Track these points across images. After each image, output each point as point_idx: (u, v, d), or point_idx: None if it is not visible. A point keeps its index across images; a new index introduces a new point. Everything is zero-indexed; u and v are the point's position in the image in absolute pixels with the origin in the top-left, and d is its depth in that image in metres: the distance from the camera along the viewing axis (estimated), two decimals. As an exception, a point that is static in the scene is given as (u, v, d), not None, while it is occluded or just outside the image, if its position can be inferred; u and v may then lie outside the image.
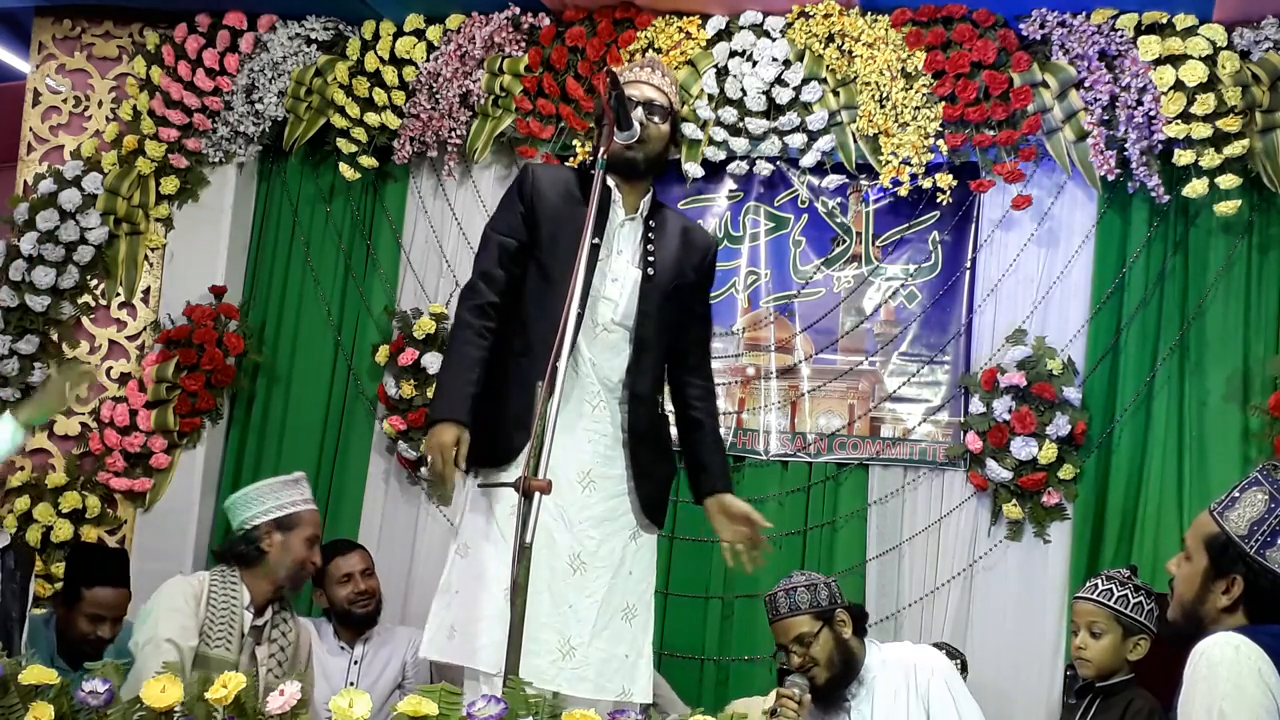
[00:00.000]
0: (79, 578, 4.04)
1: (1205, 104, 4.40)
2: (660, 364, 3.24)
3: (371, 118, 5.14)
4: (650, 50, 4.87)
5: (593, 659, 3.04)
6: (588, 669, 3.03)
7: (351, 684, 4.26)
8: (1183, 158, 4.45)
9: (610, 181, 3.17)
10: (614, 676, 3.05)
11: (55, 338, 5.29)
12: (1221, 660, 2.24)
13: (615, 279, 3.16)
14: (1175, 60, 4.46)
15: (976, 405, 4.69)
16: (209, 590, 3.53)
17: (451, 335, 3.24)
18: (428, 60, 5.07)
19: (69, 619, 4.02)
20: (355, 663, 4.37)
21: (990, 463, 4.61)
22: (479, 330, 3.11)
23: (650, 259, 3.18)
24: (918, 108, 4.66)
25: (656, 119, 3.17)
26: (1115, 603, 3.47)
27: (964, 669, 4.18)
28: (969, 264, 4.88)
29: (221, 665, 3.31)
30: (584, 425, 3.14)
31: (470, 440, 2.98)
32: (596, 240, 3.10)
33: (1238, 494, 2.46)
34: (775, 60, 4.76)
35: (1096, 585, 3.55)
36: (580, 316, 3.03)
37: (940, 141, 4.67)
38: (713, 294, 3.50)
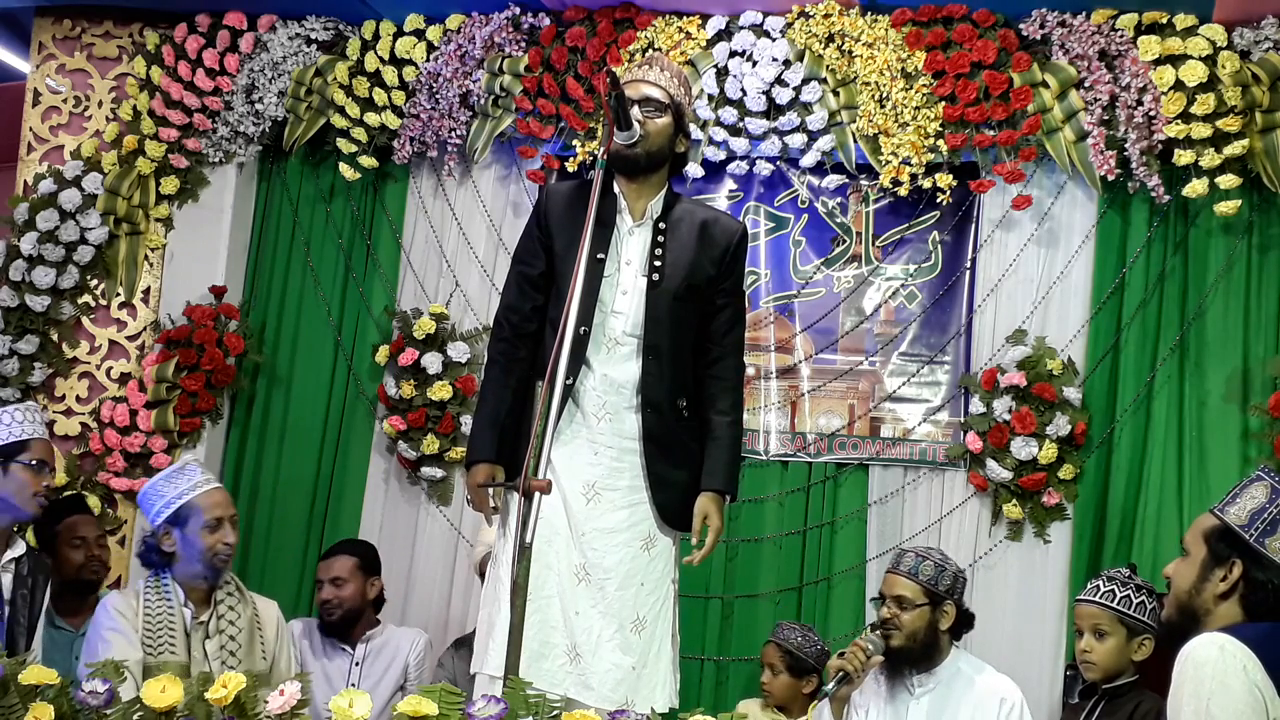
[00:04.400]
0: (49, 522, 4.27)
1: (1205, 104, 4.40)
2: (680, 367, 3.19)
3: (371, 118, 5.13)
4: (650, 50, 4.86)
5: (597, 669, 3.04)
6: (592, 677, 3.04)
7: (353, 685, 4.25)
8: (1183, 158, 4.45)
9: (617, 189, 3.17)
10: (618, 687, 3.04)
11: (55, 338, 5.28)
12: (1206, 660, 2.25)
13: (625, 291, 3.15)
14: (1175, 60, 4.46)
15: (976, 405, 4.69)
16: (143, 598, 3.49)
17: (483, 375, 3.38)
18: (428, 60, 5.06)
19: (58, 563, 4.19)
20: (356, 664, 4.36)
21: (990, 463, 4.61)
22: (504, 365, 3.22)
23: (657, 263, 3.14)
24: (918, 108, 4.66)
25: (652, 112, 3.11)
26: (1118, 604, 3.47)
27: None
28: (969, 264, 4.88)
29: (171, 670, 3.22)
30: (590, 438, 3.15)
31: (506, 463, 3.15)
32: (601, 255, 3.10)
33: (1239, 491, 2.49)
34: (775, 60, 4.76)
35: (1098, 587, 3.54)
36: (587, 333, 3.05)
37: (940, 141, 4.66)
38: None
